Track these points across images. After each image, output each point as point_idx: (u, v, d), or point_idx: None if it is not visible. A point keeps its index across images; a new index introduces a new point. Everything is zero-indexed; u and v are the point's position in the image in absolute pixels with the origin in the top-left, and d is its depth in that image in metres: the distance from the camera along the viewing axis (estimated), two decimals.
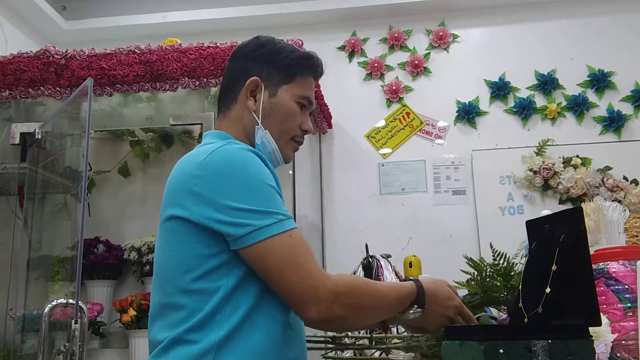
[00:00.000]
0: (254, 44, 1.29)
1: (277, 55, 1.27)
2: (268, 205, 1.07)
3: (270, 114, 1.25)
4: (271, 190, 1.09)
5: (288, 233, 1.07)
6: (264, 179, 1.09)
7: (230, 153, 1.10)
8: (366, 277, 2.17)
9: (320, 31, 3.30)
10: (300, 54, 1.29)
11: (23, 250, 2.68)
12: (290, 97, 1.25)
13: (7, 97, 2.59)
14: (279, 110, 1.25)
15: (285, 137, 1.26)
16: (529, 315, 0.98)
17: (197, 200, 1.07)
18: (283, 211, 1.09)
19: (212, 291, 1.06)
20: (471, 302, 1.36)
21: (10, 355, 2.51)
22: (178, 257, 1.10)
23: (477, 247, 2.91)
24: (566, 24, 3.21)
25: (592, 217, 1.66)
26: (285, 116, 1.25)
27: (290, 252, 1.05)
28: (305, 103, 1.27)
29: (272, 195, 1.09)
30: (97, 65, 2.50)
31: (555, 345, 0.79)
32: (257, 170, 1.10)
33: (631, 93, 3.08)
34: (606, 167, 2.97)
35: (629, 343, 1.08)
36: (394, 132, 3.21)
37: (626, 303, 1.12)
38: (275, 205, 1.08)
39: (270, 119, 1.25)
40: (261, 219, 1.05)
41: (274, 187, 1.10)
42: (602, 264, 1.18)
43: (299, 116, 1.26)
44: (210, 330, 1.05)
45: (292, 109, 1.25)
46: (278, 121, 1.25)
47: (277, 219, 1.06)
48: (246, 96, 1.25)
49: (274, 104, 1.25)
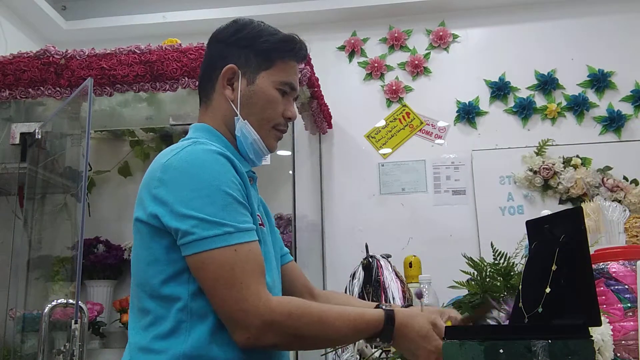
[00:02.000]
0: (231, 28, 1.23)
1: (255, 40, 1.19)
2: (218, 214, 0.99)
3: (249, 102, 1.18)
4: (226, 199, 1.01)
5: (233, 248, 0.98)
6: (220, 185, 1.01)
7: (191, 155, 1.04)
8: (366, 278, 2.17)
9: (320, 31, 3.30)
10: (280, 37, 1.21)
11: (23, 250, 2.68)
12: (270, 84, 1.18)
13: (7, 97, 2.59)
14: (258, 99, 1.18)
15: (266, 126, 1.19)
16: (529, 315, 0.98)
17: (156, 204, 1.02)
18: (236, 222, 1.00)
19: (175, 298, 1.02)
20: (471, 302, 1.36)
21: (10, 355, 2.51)
22: (145, 261, 1.06)
23: (477, 247, 2.91)
24: (566, 24, 3.21)
25: (592, 217, 1.66)
26: (266, 104, 1.18)
27: (228, 269, 0.97)
28: (287, 89, 1.20)
29: (227, 204, 1.01)
30: (97, 65, 2.50)
31: (555, 345, 0.79)
32: (215, 175, 1.02)
33: (631, 93, 3.08)
34: (606, 167, 2.97)
35: (629, 343, 1.08)
36: (394, 132, 3.21)
37: (626, 303, 1.12)
38: (227, 215, 1.00)
39: (249, 108, 1.18)
40: (206, 229, 0.98)
41: (231, 194, 1.02)
42: (602, 264, 1.18)
43: (280, 103, 1.19)
44: (176, 340, 1.00)
45: (273, 97, 1.18)
46: (258, 110, 1.18)
47: (224, 231, 0.98)
48: (223, 85, 1.19)
49: (252, 92, 1.18)
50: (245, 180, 1.08)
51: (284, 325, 0.98)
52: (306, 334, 1.01)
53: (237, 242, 0.99)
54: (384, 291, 2.11)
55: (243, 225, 1.01)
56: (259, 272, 1.00)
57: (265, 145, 1.20)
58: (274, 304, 0.98)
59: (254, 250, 1.02)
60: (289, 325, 0.98)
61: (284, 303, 1.00)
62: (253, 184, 1.21)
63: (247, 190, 1.08)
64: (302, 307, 1.02)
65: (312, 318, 1.01)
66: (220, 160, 1.04)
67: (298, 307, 1.01)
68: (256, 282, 0.98)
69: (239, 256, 0.99)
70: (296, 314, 0.99)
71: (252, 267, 0.99)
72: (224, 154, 1.05)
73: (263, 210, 1.27)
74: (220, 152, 1.05)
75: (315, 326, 1.01)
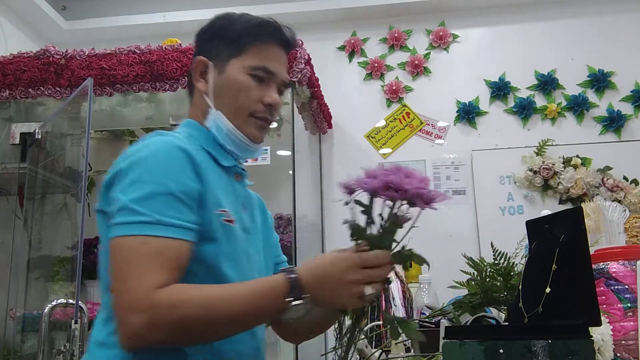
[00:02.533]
0: (208, 23, 1.20)
1: (226, 29, 1.15)
2: (142, 202, 0.93)
3: (220, 92, 1.13)
4: (159, 189, 0.95)
5: (145, 239, 0.91)
6: (160, 177, 0.96)
7: (145, 146, 1.00)
8: None
9: (320, 31, 3.30)
10: (252, 22, 1.16)
11: (23, 250, 2.68)
12: (240, 70, 1.11)
13: (7, 97, 2.59)
14: (229, 87, 1.12)
15: (242, 115, 1.12)
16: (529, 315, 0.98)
17: (106, 190, 1.01)
18: (160, 215, 0.93)
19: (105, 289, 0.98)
20: (471, 302, 1.36)
21: (10, 355, 2.51)
22: (103, 253, 1.03)
23: (477, 247, 2.91)
24: (566, 24, 3.21)
25: (592, 217, 1.66)
26: (236, 92, 1.11)
27: (130, 259, 0.90)
28: (262, 74, 1.12)
29: (158, 195, 0.94)
30: (97, 65, 2.50)
31: (555, 345, 0.79)
32: (159, 166, 0.97)
33: (631, 93, 3.08)
34: (606, 167, 2.97)
35: (629, 343, 1.08)
36: (394, 132, 3.21)
37: (626, 303, 1.12)
38: (153, 205, 0.93)
39: (222, 98, 1.12)
40: (125, 215, 0.93)
41: (169, 187, 0.95)
42: (602, 264, 1.18)
43: (254, 90, 1.11)
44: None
45: (244, 83, 1.11)
46: (230, 99, 1.12)
47: (139, 220, 0.92)
48: (196, 79, 1.16)
49: (223, 80, 1.13)
50: (204, 178, 1.02)
51: (168, 319, 0.88)
52: (197, 323, 0.89)
53: (152, 234, 0.91)
54: (383, 291, 2.10)
55: (169, 220, 0.93)
56: (164, 267, 0.91)
57: (246, 135, 1.12)
58: (156, 296, 0.88)
59: (173, 247, 0.93)
60: (173, 318, 0.88)
61: (168, 293, 0.89)
62: (241, 180, 1.17)
63: (207, 185, 1.01)
64: (190, 294, 0.91)
65: (200, 303, 0.90)
66: (173, 153, 0.99)
67: (184, 294, 0.90)
68: (151, 277, 0.89)
69: (149, 248, 0.91)
70: (181, 302, 0.89)
71: (160, 262, 0.91)
72: (182, 147, 1.00)
73: (252, 210, 1.20)
74: (178, 146, 1.00)
75: (207, 312, 0.89)
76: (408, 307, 2.04)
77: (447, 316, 1.42)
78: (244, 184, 1.18)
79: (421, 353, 1.28)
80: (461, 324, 1.32)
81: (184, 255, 0.95)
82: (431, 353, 1.22)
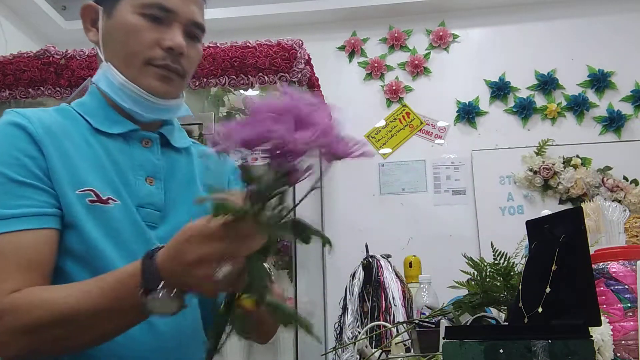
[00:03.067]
0: None
1: None
2: None
3: (109, 40, 0.95)
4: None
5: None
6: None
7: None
8: (366, 278, 2.16)
9: (320, 31, 3.30)
10: None
11: None
12: (129, 10, 0.92)
13: (7, 97, 2.59)
14: (118, 32, 0.93)
15: (135, 63, 0.92)
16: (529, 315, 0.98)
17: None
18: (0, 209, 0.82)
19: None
20: (471, 302, 1.36)
21: None
22: None
23: (477, 247, 2.91)
24: (566, 23, 3.21)
25: (592, 217, 1.66)
26: (126, 36, 0.92)
27: None
28: (156, 12, 0.92)
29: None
30: (97, 65, 2.50)
31: (555, 345, 0.79)
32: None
33: (631, 93, 3.08)
34: (606, 167, 2.98)
35: (629, 343, 1.08)
36: (394, 132, 3.21)
37: (626, 303, 1.12)
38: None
39: (111, 47, 0.95)
40: None
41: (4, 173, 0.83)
42: (602, 264, 1.18)
43: (147, 31, 0.92)
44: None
45: (133, 25, 0.92)
46: (119, 45, 0.93)
47: None
48: (86, 28, 0.99)
49: (111, 26, 0.95)
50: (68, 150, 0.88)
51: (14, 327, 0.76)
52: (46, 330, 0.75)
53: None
54: (384, 291, 2.11)
55: (8, 212, 0.81)
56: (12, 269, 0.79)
57: (144, 88, 0.92)
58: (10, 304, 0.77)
59: (13, 239, 0.80)
60: (17, 325, 0.75)
61: (15, 298, 0.77)
62: (152, 146, 0.97)
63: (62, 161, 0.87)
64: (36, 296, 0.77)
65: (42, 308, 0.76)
66: (6, 132, 0.86)
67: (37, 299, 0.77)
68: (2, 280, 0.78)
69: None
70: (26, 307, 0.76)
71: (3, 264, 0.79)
72: (15, 122, 0.87)
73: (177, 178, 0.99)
74: (11, 122, 0.87)
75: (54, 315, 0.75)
76: (408, 307, 2.04)
77: (447, 316, 1.42)
78: (155, 150, 0.98)
79: (421, 353, 1.28)
80: (461, 324, 1.32)
81: (37, 247, 0.82)
82: (431, 353, 1.22)
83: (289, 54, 2.47)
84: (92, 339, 0.79)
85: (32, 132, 0.86)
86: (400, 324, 1.75)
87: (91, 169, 0.89)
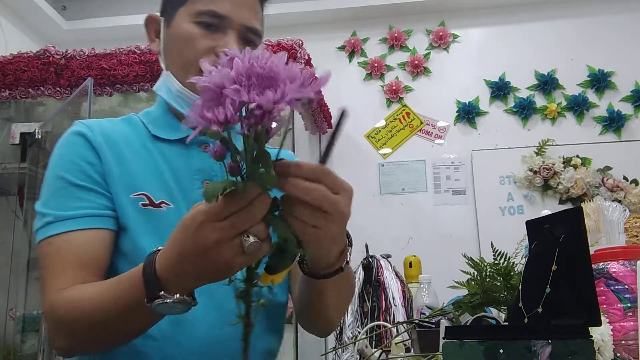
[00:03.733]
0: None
1: None
2: (46, 203, 0.88)
3: (168, 48, 0.98)
4: (58, 184, 0.89)
5: (48, 241, 0.85)
6: (55, 169, 0.90)
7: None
8: (366, 278, 2.17)
9: (320, 31, 3.30)
10: None
11: (23, 250, 2.68)
12: (185, 19, 0.95)
13: (7, 97, 2.59)
14: (175, 40, 0.96)
15: (191, 71, 0.93)
16: (529, 315, 0.98)
17: None
18: (58, 210, 0.86)
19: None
20: (471, 302, 1.36)
21: (10, 355, 2.51)
22: None
23: (477, 247, 2.91)
24: (566, 24, 3.21)
25: (592, 217, 1.66)
26: (182, 45, 0.95)
27: (44, 264, 0.86)
28: (209, 20, 0.94)
29: (56, 189, 0.89)
30: (97, 65, 2.50)
31: (555, 345, 0.79)
32: (55, 159, 0.92)
33: (631, 93, 3.08)
34: (606, 167, 2.98)
35: (629, 343, 1.08)
36: (394, 132, 3.21)
37: (626, 303, 1.12)
38: (54, 203, 0.88)
39: (170, 55, 0.98)
40: (37, 221, 0.89)
41: (64, 178, 0.88)
42: (602, 264, 1.18)
43: (201, 39, 0.94)
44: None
45: (188, 33, 0.94)
46: (177, 53, 0.96)
47: (44, 222, 0.87)
48: (150, 39, 1.03)
49: (169, 35, 0.98)
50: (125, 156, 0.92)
51: (57, 324, 0.81)
52: (84, 328, 0.79)
53: (54, 234, 0.85)
54: (383, 291, 2.11)
55: (66, 213, 0.86)
56: (66, 266, 0.84)
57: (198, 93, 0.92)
58: (56, 301, 0.81)
59: (69, 239, 0.85)
60: (65, 322, 0.80)
61: (64, 296, 0.81)
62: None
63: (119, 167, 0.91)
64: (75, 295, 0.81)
65: (76, 307, 0.79)
66: (69, 140, 0.92)
67: (72, 297, 0.80)
68: (54, 278, 0.83)
69: (52, 249, 0.85)
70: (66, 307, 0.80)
71: (58, 261, 0.84)
72: (78, 131, 0.92)
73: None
74: (75, 131, 0.93)
75: (85, 315, 0.78)
76: (408, 307, 2.04)
77: (447, 316, 1.42)
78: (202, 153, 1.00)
79: (421, 353, 1.28)
80: (461, 324, 1.32)
81: (90, 246, 0.85)
82: (431, 353, 1.22)
83: (289, 54, 2.47)
84: (116, 338, 0.81)
85: (91, 139, 0.91)
86: (400, 324, 1.75)
87: (147, 174, 0.92)
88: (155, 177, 0.93)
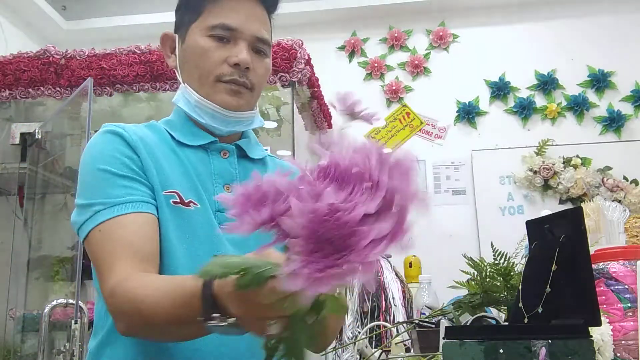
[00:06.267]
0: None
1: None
2: (91, 195, 0.91)
3: (184, 62, 1.04)
4: (99, 175, 0.92)
5: (98, 228, 0.88)
6: (95, 164, 0.93)
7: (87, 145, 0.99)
8: None
9: (320, 31, 3.30)
10: None
11: (23, 250, 2.68)
12: (199, 33, 1.01)
13: (7, 97, 2.59)
14: (190, 54, 1.02)
15: (207, 82, 1.00)
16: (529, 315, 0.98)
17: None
18: (104, 198, 0.90)
19: (97, 290, 0.94)
20: (471, 302, 1.36)
21: (10, 355, 2.51)
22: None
23: (477, 247, 2.91)
24: (566, 24, 3.21)
25: (592, 217, 1.66)
26: (197, 58, 1.00)
27: (97, 251, 0.88)
28: (221, 33, 0.99)
29: (100, 181, 0.91)
30: (97, 65, 2.50)
31: (555, 345, 0.79)
32: (93, 157, 0.95)
33: (631, 93, 3.08)
34: (606, 167, 2.98)
35: (629, 343, 1.08)
36: (394, 132, 3.21)
37: (626, 303, 1.12)
38: (98, 192, 0.91)
39: (187, 69, 1.04)
40: (82, 214, 0.91)
41: (106, 169, 0.92)
42: (602, 264, 1.18)
43: (214, 51, 0.99)
44: (95, 334, 0.97)
45: (202, 46, 1.00)
46: (192, 67, 1.02)
47: (93, 212, 0.89)
48: (166, 55, 1.09)
49: (184, 50, 1.03)
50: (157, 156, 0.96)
51: (117, 309, 0.84)
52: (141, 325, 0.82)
53: (103, 220, 0.88)
54: (384, 291, 2.11)
55: (113, 200, 0.90)
56: (118, 250, 0.86)
57: (217, 103, 1.00)
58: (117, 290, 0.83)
59: (120, 222, 0.88)
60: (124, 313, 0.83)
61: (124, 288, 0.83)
62: (229, 157, 1.04)
63: (154, 165, 0.95)
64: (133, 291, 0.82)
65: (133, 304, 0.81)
66: (104, 138, 0.96)
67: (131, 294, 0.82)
68: (113, 264, 0.86)
69: (103, 235, 0.88)
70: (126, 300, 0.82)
71: (112, 247, 0.87)
72: (113, 130, 0.97)
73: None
74: (109, 130, 0.97)
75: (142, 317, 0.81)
76: (408, 307, 2.04)
77: (447, 316, 1.42)
78: (233, 160, 1.05)
79: (421, 353, 1.28)
80: (461, 324, 1.32)
81: (141, 228, 0.89)
82: (431, 353, 1.22)
83: (289, 54, 2.47)
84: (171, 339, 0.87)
85: (127, 138, 0.96)
86: (400, 324, 1.75)
87: (177, 174, 0.97)
88: (184, 177, 0.98)
